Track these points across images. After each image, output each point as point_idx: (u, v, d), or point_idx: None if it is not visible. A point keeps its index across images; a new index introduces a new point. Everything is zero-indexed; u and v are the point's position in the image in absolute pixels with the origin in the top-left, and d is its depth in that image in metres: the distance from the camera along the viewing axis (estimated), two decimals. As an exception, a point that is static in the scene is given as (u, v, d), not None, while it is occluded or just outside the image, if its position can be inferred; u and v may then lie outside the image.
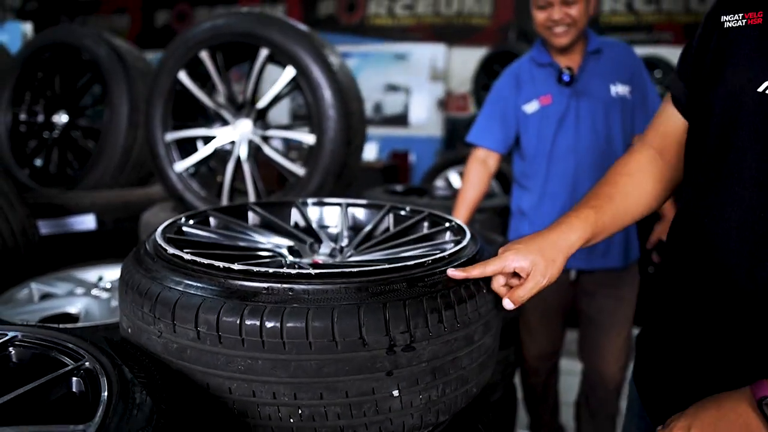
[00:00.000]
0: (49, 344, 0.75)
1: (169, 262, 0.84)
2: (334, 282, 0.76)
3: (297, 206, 1.30)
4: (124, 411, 0.60)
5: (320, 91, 1.98)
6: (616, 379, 2.01)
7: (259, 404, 0.74)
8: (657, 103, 1.93)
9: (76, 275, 1.63)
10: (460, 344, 0.83)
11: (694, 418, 0.68)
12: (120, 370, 0.68)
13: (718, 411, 0.67)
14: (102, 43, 2.46)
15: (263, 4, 9.61)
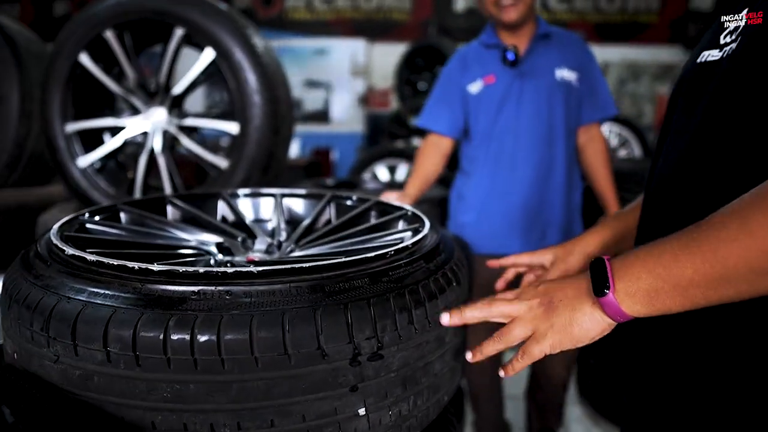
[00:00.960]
0: None
1: (68, 265, 0.66)
2: (282, 281, 0.62)
3: (224, 198, 1.13)
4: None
5: (243, 74, 1.80)
6: (563, 377, 2.01)
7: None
8: (607, 95, 1.91)
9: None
10: (431, 347, 0.71)
11: None
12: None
13: None
14: (-15, 23, 2.14)
15: (173, -5, 9.10)
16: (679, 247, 0.58)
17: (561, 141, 1.85)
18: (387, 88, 8.59)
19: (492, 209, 1.86)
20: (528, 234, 1.86)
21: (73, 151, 1.94)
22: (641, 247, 0.62)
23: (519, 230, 1.85)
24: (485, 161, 1.86)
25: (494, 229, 1.86)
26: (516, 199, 1.84)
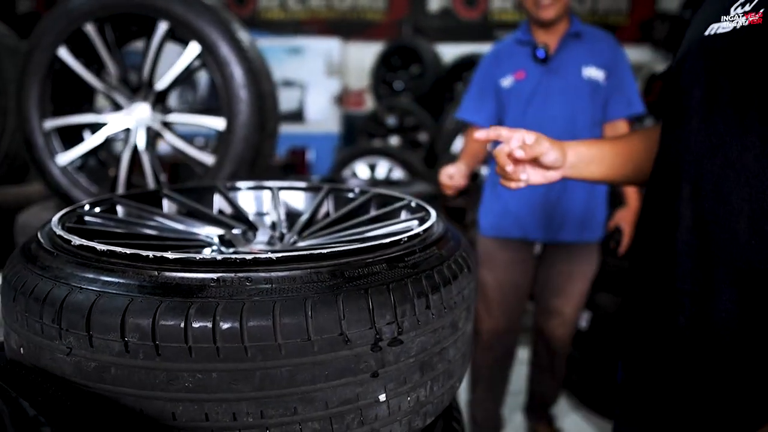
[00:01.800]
0: None
1: (76, 255, 0.64)
2: (301, 266, 0.61)
3: (221, 191, 1.11)
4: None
5: (230, 69, 1.78)
6: (564, 339, 2.09)
7: (214, 430, 0.57)
8: (635, 93, 1.95)
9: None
10: (446, 333, 0.71)
11: None
12: (16, 407, 0.49)
13: None
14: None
15: (144, -7, 8.94)
16: None
17: (584, 136, 1.88)
18: (362, 88, 8.57)
19: (518, 198, 1.91)
20: (549, 222, 1.94)
21: (52, 148, 1.89)
22: None
23: (541, 219, 1.93)
24: None
25: (519, 216, 1.93)
26: (540, 189, 1.87)
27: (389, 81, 6.75)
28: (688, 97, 0.79)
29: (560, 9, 1.81)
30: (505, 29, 8.45)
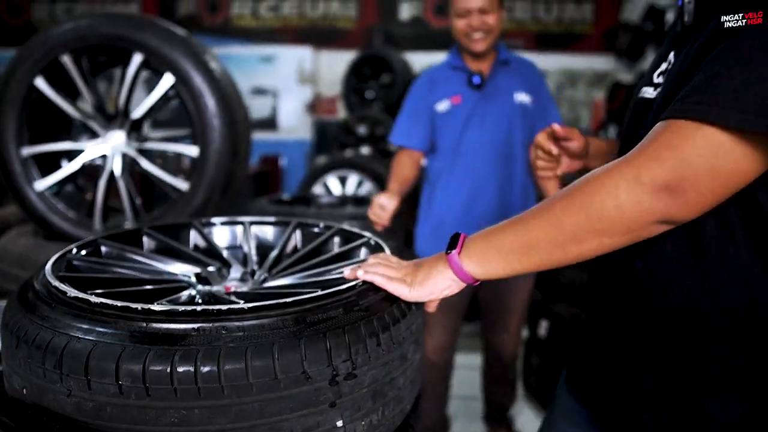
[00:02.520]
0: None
1: (72, 306, 0.74)
2: (269, 315, 0.72)
3: (196, 227, 1.21)
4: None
5: (203, 99, 1.87)
6: (513, 354, 2.25)
7: (196, 457, 0.68)
8: (556, 115, 2.10)
9: None
10: (396, 364, 0.82)
11: None
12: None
13: None
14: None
15: (115, 2, 8.89)
16: (508, 223, 0.78)
17: (519, 157, 2.03)
18: (334, 96, 8.66)
19: (456, 220, 2.02)
20: None
21: (29, 174, 1.95)
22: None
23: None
24: (451, 175, 2.03)
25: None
26: (479, 211, 2.00)
27: (360, 90, 6.86)
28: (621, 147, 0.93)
29: (490, 42, 1.95)
30: (473, 38, 8.66)
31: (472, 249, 0.81)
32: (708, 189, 0.66)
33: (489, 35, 1.93)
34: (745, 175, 0.66)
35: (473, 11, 1.90)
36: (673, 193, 0.66)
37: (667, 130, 0.68)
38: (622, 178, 0.69)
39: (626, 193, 0.68)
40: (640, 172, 0.68)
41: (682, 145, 0.65)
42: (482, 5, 1.90)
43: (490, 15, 1.92)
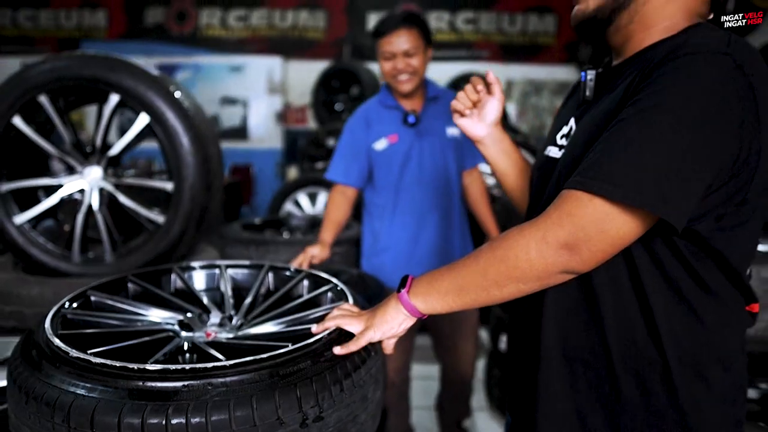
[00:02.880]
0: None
1: (75, 366, 0.85)
2: (248, 370, 0.85)
3: (176, 272, 1.33)
4: None
5: (177, 138, 1.97)
6: (469, 373, 2.36)
7: (187, 495, 0.80)
8: None
9: None
10: (358, 404, 0.96)
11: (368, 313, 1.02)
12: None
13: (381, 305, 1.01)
14: None
15: (81, 10, 8.81)
16: (446, 269, 0.94)
17: (456, 187, 2.17)
18: (304, 105, 8.75)
19: (404, 252, 2.14)
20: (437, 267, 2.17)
21: (9, 209, 2.02)
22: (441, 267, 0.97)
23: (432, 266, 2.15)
24: (394, 209, 2.14)
25: (408, 266, 2.14)
26: (424, 240, 2.13)
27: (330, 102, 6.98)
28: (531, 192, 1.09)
29: (416, 82, 2.05)
30: (440, 49, 8.85)
31: (418, 289, 0.96)
32: (599, 248, 0.82)
33: (414, 76, 2.03)
34: (627, 237, 0.82)
35: (398, 54, 2.01)
36: (571, 250, 0.82)
37: (567, 199, 0.83)
38: (532, 239, 0.84)
39: (535, 250, 0.83)
40: (546, 234, 0.83)
41: (579, 213, 0.81)
42: (406, 48, 2.00)
43: (414, 57, 2.01)
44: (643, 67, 0.85)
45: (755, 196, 0.84)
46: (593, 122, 0.90)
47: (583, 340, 0.93)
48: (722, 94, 0.77)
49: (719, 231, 0.84)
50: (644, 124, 0.78)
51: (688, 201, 0.78)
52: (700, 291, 0.88)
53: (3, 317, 1.81)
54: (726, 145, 0.78)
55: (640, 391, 0.90)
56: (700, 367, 0.89)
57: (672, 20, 0.90)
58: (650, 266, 0.87)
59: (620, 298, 0.90)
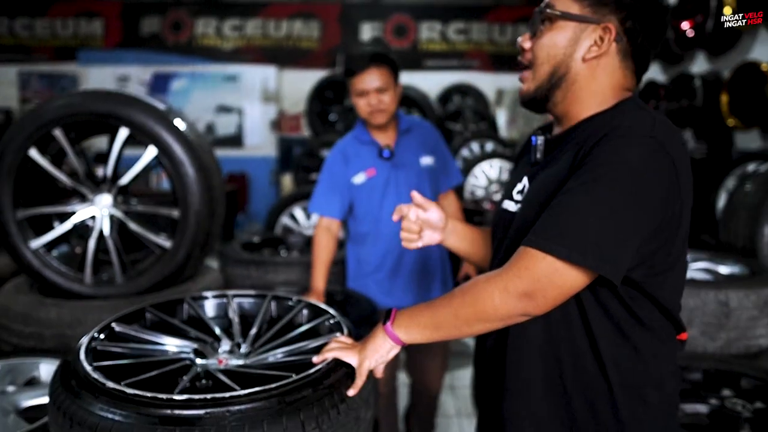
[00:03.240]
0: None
1: (112, 396, 1.00)
2: (260, 398, 1.01)
3: (189, 303, 1.48)
4: None
5: (183, 168, 2.12)
6: (437, 388, 2.51)
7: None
8: (455, 167, 2.42)
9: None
10: (351, 424, 1.11)
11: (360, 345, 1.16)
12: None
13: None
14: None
15: (77, 19, 8.91)
16: (425, 306, 1.10)
17: None
18: (298, 113, 8.89)
19: (387, 276, 2.29)
20: (417, 289, 2.32)
21: (25, 234, 2.16)
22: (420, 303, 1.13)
23: (411, 287, 2.31)
24: (377, 237, 2.28)
25: (391, 288, 2.30)
26: (406, 266, 2.29)
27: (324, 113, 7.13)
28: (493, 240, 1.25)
29: (389, 115, 2.19)
30: (432, 58, 9.02)
31: (400, 322, 1.12)
32: (551, 296, 0.98)
33: (385, 111, 2.17)
34: (574, 287, 0.98)
35: (370, 91, 2.12)
36: (529, 298, 0.98)
37: (524, 256, 0.99)
38: (496, 288, 1.00)
39: (499, 298, 0.99)
40: (507, 284, 0.99)
41: (534, 268, 0.97)
42: (378, 86, 2.13)
43: (386, 93, 2.14)
44: (583, 140, 1.01)
45: (678, 246, 1.01)
46: (544, 187, 1.06)
47: (541, 369, 1.09)
48: (649, 171, 0.93)
49: (651, 276, 1.01)
50: (586, 195, 0.94)
51: (622, 259, 0.94)
52: (638, 326, 1.04)
53: (23, 338, 1.96)
54: (653, 213, 0.94)
55: (590, 410, 1.07)
56: (639, 390, 1.05)
57: (601, 96, 1.07)
58: (596, 307, 1.04)
59: (572, 333, 1.06)
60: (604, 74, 1.08)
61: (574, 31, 1.06)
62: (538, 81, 1.10)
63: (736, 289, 1.87)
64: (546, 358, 1.09)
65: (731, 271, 2.26)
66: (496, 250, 1.21)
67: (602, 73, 1.07)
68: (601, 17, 1.05)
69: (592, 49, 1.06)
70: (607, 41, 1.05)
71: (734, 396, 1.60)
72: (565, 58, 1.07)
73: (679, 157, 0.96)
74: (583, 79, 1.07)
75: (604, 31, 1.05)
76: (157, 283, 2.18)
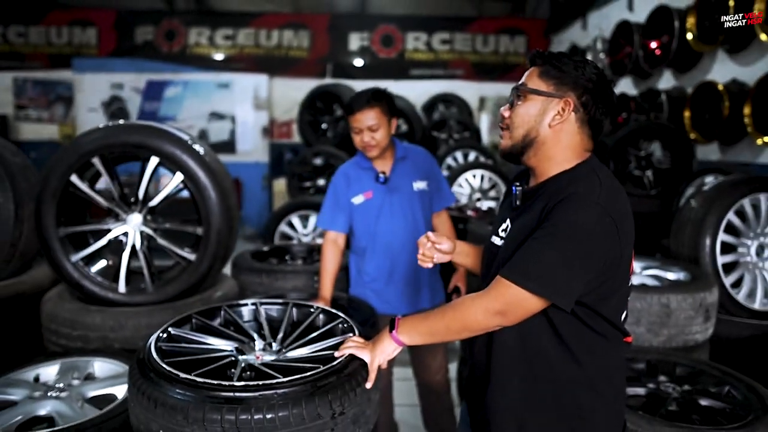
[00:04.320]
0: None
1: (186, 384, 1.34)
2: (298, 383, 1.34)
3: (225, 309, 1.81)
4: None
5: (207, 192, 2.45)
6: (442, 383, 2.81)
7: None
8: (448, 190, 2.75)
9: (16, 378, 1.91)
10: (365, 403, 1.46)
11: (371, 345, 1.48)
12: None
13: None
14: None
15: (72, 27, 9.13)
16: (423, 317, 1.43)
17: (423, 230, 2.65)
18: (289, 120, 9.21)
19: (382, 285, 2.62)
20: (409, 298, 2.65)
21: (66, 249, 2.47)
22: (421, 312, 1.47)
23: (404, 297, 2.63)
24: (373, 251, 2.60)
25: (387, 296, 2.63)
26: (398, 276, 2.61)
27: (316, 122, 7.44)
28: (482, 266, 1.59)
29: (381, 149, 2.50)
30: (418, 67, 9.39)
31: (403, 329, 1.45)
32: (519, 315, 1.32)
33: (377, 146, 2.46)
34: (536, 309, 1.32)
35: (364, 129, 2.43)
36: (502, 315, 1.32)
37: (500, 283, 1.33)
38: (479, 307, 1.34)
39: (481, 315, 1.34)
40: (487, 305, 1.33)
41: (506, 294, 1.31)
42: (370, 124, 2.42)
43: (377, 131, 2.43)
44: (548, 198, 1.35)
45: (620, 278, 1.35)
46: (520, 230, 1.40)
47: (516, 367, 1.43)
48: (594, 230, 1.27)
49: (599, 300, 1.34)
50: (546, 244, 1.29)
51: (571, 292, 1.28)
52: (592, 334, 1.38)
53: (71, 340, 2.27)
54: (596, 259, 1.28)
55: (555, 400, 1.41)
56: (593, 382, 1.39)
57: (563, 155, 1.40)
58: (559, 320, 1.36)
59: (541, 340, 1.39)
60: (566, 137, 1.40)
61: (542, 104, 1.38)
62: (514, 141, 1.43)
63: (675, 293, 2.24)
64: (520, 360, 1.43)
65: (676, 277, 2.63)
66: (485, 274, 1.55)
67: (564, 136, 1.39)
68: (562, 93, 1.37)
69: (556, 117, 1.38)
70: (568, 112, 1.37)
71: (668, 381, 1.97)
72: (535, 124, 1.39)
73: (618, 216, 1.30)
74: (550, 141, 1.40)
75: (565, 104, 1.37)
76: (182, 291, 2.50)
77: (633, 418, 1.64)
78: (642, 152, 4.99)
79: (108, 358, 2.08)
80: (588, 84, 1.37)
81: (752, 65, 4.57)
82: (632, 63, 6.02)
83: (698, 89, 4.95)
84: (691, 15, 4.91)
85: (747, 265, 2.85)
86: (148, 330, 2.27)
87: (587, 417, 1.39)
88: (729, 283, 2.75)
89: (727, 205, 2.79)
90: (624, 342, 1.46)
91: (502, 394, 1.45)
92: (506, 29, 9.52)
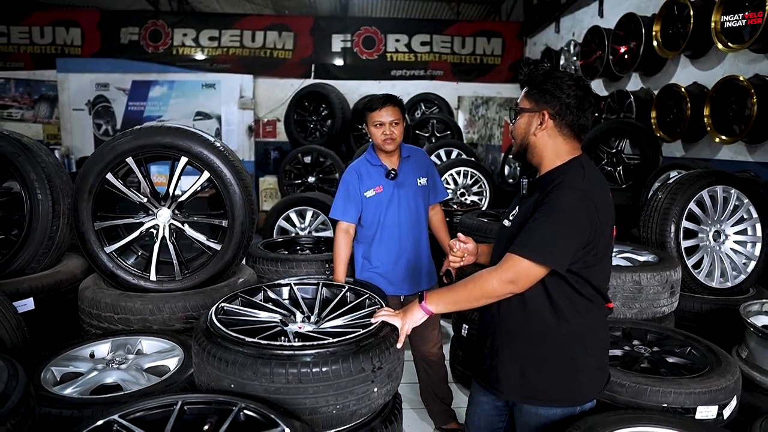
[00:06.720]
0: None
1: (245, 345, 1.62)
2: (343, 344, 1.64)
3: (265, 288, 2.10)
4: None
5: (232, 188, 2.71)
6: (438, 355, 3.12)
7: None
8: (442, 186, 3.09)
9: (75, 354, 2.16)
10: (395, 360, 1.76)
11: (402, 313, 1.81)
12: (262, 401, 1.48)
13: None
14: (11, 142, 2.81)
15: (55, 27, 9.17)
16: (447, 290, 1.75)
17: (424, 221, 2.97)
18: (273, 119, 9.42)
19: (389, 269, 2.92)
20: (411, 280, 2.96)
21: (102, 242, 2.71)
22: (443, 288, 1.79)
23: (407, 279, 2.94)
24: (380, 240, 2.90)
25: (393, 279, 2.94)
26: (403, 261, 2.92)
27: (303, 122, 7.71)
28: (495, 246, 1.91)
29: (397, 144, 2.84)
30: (398, 68, 9.69)
31: (431, 300, 1.76)
32: (526, 283, 1.65)
33: (396, 139, 2.83)
34: (540, 275, 1.64)
35: (386, 123, 2.78)
36: (513, 284, 1.64)
37: (510, 258, 1.65)
38: (494, 278, 1.66)
39: (497, 284, 1.65)
40: (500, 276, 1.65)
41: (515, 266, 1.63)
42: (393, 119, 2.77)
43: (397, 126, 2.78)
44: (543, 188, 1.68)
45: (602, 250, 1.68)
46: (524, 213, 1.72)
47: (521, 325, 1.76)
48: (578, 209, 1.60)
49: (586, 268, 1.67)
50: (543, 222, 1.61)
51: (565, 259, 1.60)
52: (579, 297, 1.71)
53: (113, 323, 2.51)
54: (582, 232, 1.61)
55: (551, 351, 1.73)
56: (581, 337, 1.72)
57: (553, 155, 1.73)
58: (554, 286, 1.69)
59: (540, 303, 1.71)
60: (550, 141, 1.73)
61: (528, 118, 1.74)
62: (516, 147, 1.79)
63: (646, 272, 2.60)
64: (522, 319, 1.75)
65: (646, 259, 3.00)
66: (496, 252, 1.87)
67: (549, 140, 1.73)
68: (540, 108, 1.72)
69: (538, 126, 1.73)
70: (545, 121, 1.72)
71: (641, 345, 2.33)
72: (526, 134, 1.75)
73: (599, 200, 1.64)
74: (539, 144, 1.74)
75: (541, 116, 1.72)
76: (209, 278, 2.76)
77: (614, 372, 1.98)
78: (613, 149, 5.39)
79: (153, 336, 2.34)
80: (562, 96, 1.69)
81: (711, 70, 5.00)
82: (603, 66, 6.43)
83: (663, 91, 5.36)
84: (656, 23, 5.33)
85: (706, 248, 3.24)
86: (184, 312, 2.53)
87: (579, 368, 1.72)
88: (691, 264, 3.14)
89: (689, 197, 3.18)
90: (606, 307, 1.79)
91: (508, 347, 1.77)
92: (483, 32, 9.88)
